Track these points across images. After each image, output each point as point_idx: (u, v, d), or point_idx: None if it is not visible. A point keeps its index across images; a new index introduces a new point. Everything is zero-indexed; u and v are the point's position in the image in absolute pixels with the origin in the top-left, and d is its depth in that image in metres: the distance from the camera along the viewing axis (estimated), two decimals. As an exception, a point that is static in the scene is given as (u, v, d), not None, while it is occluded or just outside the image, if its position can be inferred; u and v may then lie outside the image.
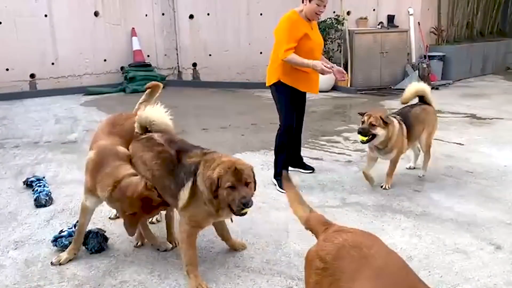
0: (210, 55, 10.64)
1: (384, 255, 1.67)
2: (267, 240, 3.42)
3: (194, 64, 10.79)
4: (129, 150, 3.19)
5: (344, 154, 5.43)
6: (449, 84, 10.13)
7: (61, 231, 3.34)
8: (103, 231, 3.38)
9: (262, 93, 9.29)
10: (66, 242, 3.23)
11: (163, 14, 10.56)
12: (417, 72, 9.65)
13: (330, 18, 9.48)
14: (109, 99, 9.11)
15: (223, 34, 10.48)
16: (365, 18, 10.03)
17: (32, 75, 9.70)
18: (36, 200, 4.06)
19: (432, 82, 9.81)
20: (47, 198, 4.08)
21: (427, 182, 4.52)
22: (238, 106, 8.44)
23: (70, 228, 3.35)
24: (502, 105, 7.94)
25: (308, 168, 4.82)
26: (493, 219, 3.69)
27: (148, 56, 10.49)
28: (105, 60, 10.27)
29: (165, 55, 10.78)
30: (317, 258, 1.76)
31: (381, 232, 3.51)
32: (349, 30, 9.71)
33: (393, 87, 9.51)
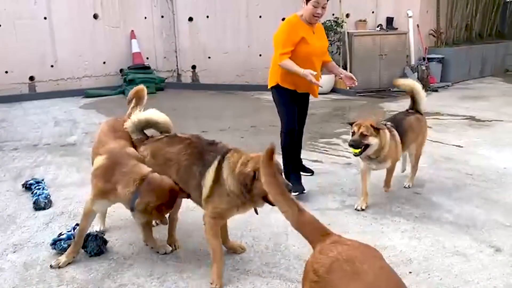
0: (210, 58, 10.64)
1: (377, 271, 1.66)
2: (267, 243, 3.42)
3: (193, 67, 10.80)
4: (143, 152, 3.21)
5: (344, 157, 5.42)
6: (448, 86, 10.14)
7: (60, 234, 3.33)
8: (102, 234, 3.39)
9: (261, 95, 9.31)
10: (65, 245, 3.22)
11: (163, 17, 10.58)
12: (416, 75, 9.66)
13: (329, 21, 9.50)
14: (108, 102, 9.10)
15: (222, 37, 10.49)
16: (364, 21, 10.04)
17: (32, 78, 9.68)
18: (35, 203, 4.05)
19: (431, 84, 9.85)
20: (46, 201, 4.07)
21: (427, 184, 4.52)
22: (237, 109, 8.44)
23: (69, 231, 3.34)
24: (501, 107, 7.96)
25: (308, 171, 4.81)
26: (493, 222, 3.70)
27: (148, 59, 10.50)
28: (105, 63, 10.27)
29: (165, 58, 10.78)
30: (311, 271, 1.75)
31: (381, 235, 3.52)
32: (348, 33, 9.72)
33: (392, 89, 9.51)
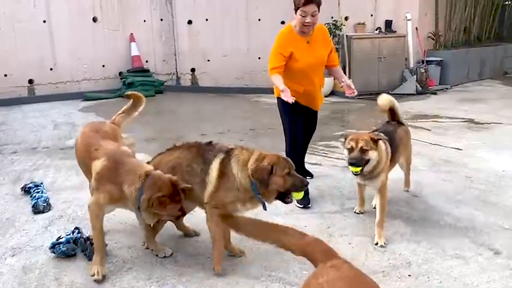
0: (209, 61, 10.65)
1: None
2: (266, 246, 3.41)
3: (193, 70, 10.80)
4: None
5: (343, 160, 5.39)
6: (447, 89, 10.15)
7: (59, 238, 3.33)
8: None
9: (261, 98, 9.32)
10: (64, 249, 3.22)
11: (162, 20, 10.59)
12: (415, 77, 9.68)
13: (328, 24, 9.50)
14: (108, 105, 9.10)
15: (222, 40, 10.49)
16: (363, 24, 10.05)
17: (31, 81, 9.68)
18: (34, 207, 4.04)
19: (430, 87, 9.86)
20: (45, 204, 4.06)
21: (425, 187, 4.52)
22: (237, 111, 8.44)
23: (68, 235, 3.33)
24: (500, 110, 7.96)
25: (307, 174, 4.81)
26: (492, 224, 3.70)
27: (147, 62, 10.50)
28: (104, 66, 10.27)
29: (164, 61, 10.78)
30: None
31: (380, 238, 3.51)
32: (347, 36, 9.74)
33: (391, 92, 9.51)
